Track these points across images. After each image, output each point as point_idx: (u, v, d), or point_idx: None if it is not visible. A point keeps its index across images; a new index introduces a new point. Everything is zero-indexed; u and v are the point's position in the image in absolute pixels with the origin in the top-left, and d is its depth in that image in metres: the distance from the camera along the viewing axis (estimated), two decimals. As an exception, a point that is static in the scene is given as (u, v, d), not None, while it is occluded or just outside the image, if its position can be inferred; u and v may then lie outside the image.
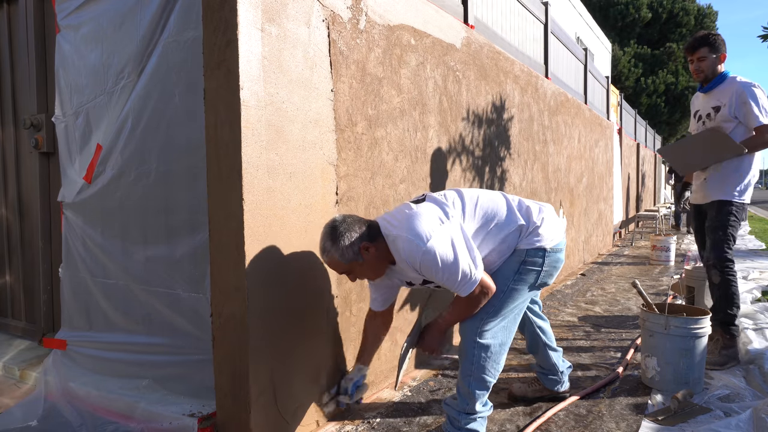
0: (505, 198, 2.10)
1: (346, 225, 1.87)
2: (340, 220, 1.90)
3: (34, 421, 2.35)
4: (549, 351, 2.44)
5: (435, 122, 3.06)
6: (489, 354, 1.99)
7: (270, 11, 1.94)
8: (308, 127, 2.14)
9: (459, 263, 1.82)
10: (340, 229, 1.86)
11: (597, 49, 15.58)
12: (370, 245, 1.88)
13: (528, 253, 2.02)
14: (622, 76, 21.19)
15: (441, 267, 1.81)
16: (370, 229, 1.92)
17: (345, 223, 1.88)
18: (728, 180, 2.96)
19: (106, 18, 2.43)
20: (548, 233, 2.05)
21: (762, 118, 2.83)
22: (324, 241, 1.89)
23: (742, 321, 3.63)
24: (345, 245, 1.85)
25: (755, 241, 8.69)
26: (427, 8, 2.97)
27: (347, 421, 2.31)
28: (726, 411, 2.35)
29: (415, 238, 1.81)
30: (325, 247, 1.89)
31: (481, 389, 2.02)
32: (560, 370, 2.47)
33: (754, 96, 2.86)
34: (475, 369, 1.99)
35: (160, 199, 2.30)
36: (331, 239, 1.87)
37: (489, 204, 2.05)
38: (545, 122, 5.15)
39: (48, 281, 3.00)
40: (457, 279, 1.84)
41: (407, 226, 1.85)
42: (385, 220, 1.96)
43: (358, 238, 1.87)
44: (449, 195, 2.05)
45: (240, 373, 1.93)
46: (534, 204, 2.12)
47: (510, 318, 2.05)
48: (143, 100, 2.30)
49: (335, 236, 1.86)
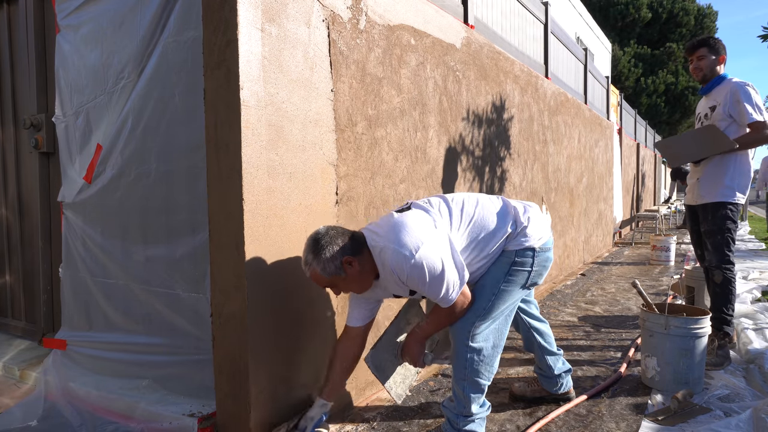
0: (491, 202, 2.07)
1: (328, 238, 1.81)
2: (323, 232, 1.83)
3: (34, 421, 2.35)
4: (544, 354, 2.43)
5: (435, 122, 3.07)
6: (482, 357, 1.98)
7: (270, 11, 1.94)
8: (308, 127, 2.14)
9: (445, 276, 1.79)
10: (321, 242, 1.80)
11: (597, 49, 15.58)
12: (353, 259, 1.81)
13: (517, 254, 2.01)
14: (622, 76, 21.19)
15: (428, 280, 1.78)
16: (354, 242, 1.85)
17: (327, 235, 1.82)
18: (720, 181, 2.97)
19: (106, 18, 2.43)
20: (535, 232, 2.03)
21: (755, 115, 2.87)
22: (306, 253, 1.83)
23: (741, 321, 3.63)
24: (326, 258, 1.78)
25: (755, 241, 8.69)
26: (427, 8, 2.97)
27: (347, 421, 2.31)
28: (726, 411, 2.35)
29: (402, 249, 1.76)
30: (306, 260, 1.82)
31: (476, 392, 2.01)
32: (556, 374, 2.44)
33: (747, 94, 2.90)
34: (469, 373, 1.98)
35: (160, 199, 2.30)
36: (312, 252, 1.80)
37: (475, 210, 2.01)
38: (545, 122, 5.15)
39: (48, 281, 3.00)
40: (441, 291, 1.82)
41: (394, 237, 1.79)
42: (371, 230, 1.91)
43: (340, 251, 1.80)
44: (434, 202, 2.01)
45: (240, 373, 1.93)
46: (519, 204, 2.10)
47: (501, 320, 2.04)
48: (143, 100, 2.30)
49: (317, 249, 1.79)
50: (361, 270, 1.85)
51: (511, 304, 2.06)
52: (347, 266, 1.82)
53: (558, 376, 2.45)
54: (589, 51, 8.74)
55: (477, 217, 2.00)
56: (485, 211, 2.02)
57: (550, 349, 2.44)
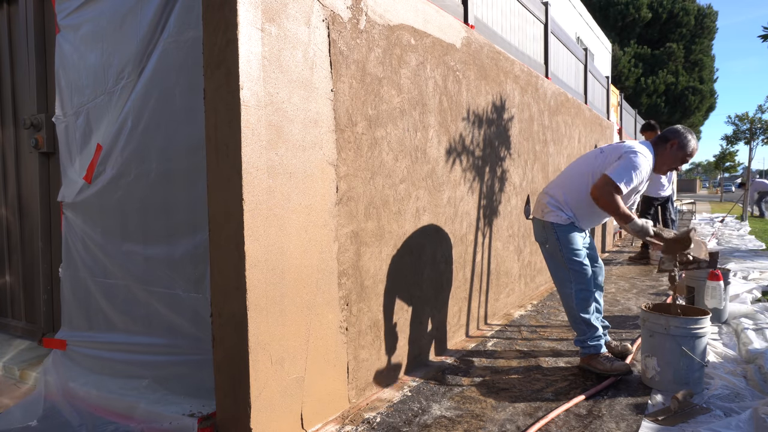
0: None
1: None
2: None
3: (34, 421, 2.35)
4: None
5: (435, 122, 3.07)
6: None
7: (270, 11, 1.94)
8: (308, 127, 2.14)
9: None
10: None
11: (597, 49, 15.58)
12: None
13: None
14: (622, 76, 21.20)
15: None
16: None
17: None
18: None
19: (106, 18, 2.43)
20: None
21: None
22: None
23: (741, 321, 3.63)
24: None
25: (755, 241, 8.69)
26: (427, 8, 2.97)
27: (347, 421, 2.31)
28: (726, 411, 2.35)
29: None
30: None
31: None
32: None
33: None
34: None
35: (160, 199, 2.30)
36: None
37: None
38: (545, 122, 5.16)
39: (48, 281, 3.00)
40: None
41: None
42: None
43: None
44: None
45: (240, 373, 1.93)
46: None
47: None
48: (143, 100, 2.30)
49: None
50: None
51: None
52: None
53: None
54: (589, 51, 8.74)
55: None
56: None
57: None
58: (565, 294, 2.91)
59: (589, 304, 2.87)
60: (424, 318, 3.01)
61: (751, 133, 14.24)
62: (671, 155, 2.83)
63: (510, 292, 4.40)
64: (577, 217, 2.89)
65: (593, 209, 2.85)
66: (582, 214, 2.89)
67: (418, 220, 2.92)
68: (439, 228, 3.14)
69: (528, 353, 3.23)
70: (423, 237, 2.96)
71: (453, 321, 3.37)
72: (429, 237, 3.02)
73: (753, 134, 14.21)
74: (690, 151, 2.82)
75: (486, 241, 3.84)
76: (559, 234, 2.86)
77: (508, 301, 4.37)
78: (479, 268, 3.72)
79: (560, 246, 2.86)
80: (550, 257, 2.97)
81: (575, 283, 2.86)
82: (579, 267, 2.85)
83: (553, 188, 3.00)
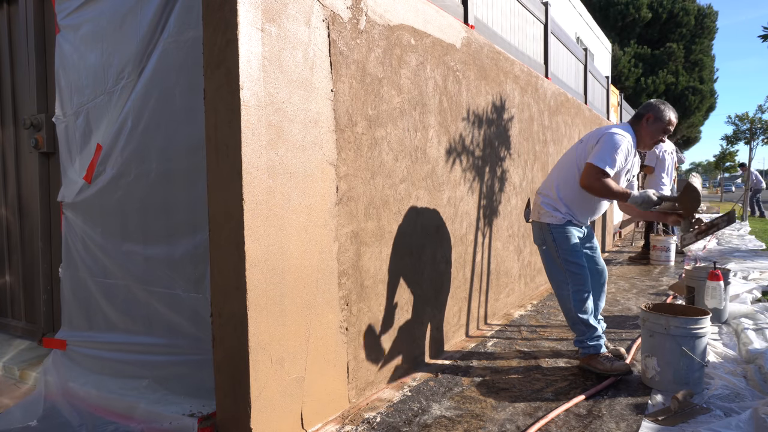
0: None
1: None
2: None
3: (34, 421, 2.35)
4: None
5: (435, 122, 3.07)
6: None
7: (270, 11, 1.94)
8: (308, 127, 2.14)
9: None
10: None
11: (597, 49, 15.58)
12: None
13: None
14: (622, 76, 21.20)
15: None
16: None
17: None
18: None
19: (106, 18, 2.43)
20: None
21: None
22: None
23: (741, 321, 3.63)
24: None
25: (755, 241, 8.69)
26: (427, 8, 2.97)
27: (347, 421, 2.31)
28: (726, 411, 2.35)
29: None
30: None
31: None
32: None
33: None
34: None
35: (160, 199, 2.30)
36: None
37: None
38: (545, 122, 5.16)
39: (48, 281, 3.00)
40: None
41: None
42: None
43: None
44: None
45: (240, 373, 1.93)
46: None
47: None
48: (143, 100, 2.30)
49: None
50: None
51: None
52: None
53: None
54: (589, 51, 8.74)
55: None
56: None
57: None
58: (563, 296, 2.92)
59: (586, 304, 2.87)
60: (424, 318, 3.01)
61: (751, 133, 14.24)
62: (650, 129, 2.86)
63: (510, 292, 4.40)
64: (574, 211, 2.90)
65: (588, 199, 2.88)
66: (578, 206, 2.90)
67: (418, 220, 2.92)
68: (439, 228, 3.14)
69: (528, 353, 3.23)
70: (423, 237, 2.96)
71: (453, 321, 3.37)
72: (429, 237, 3.02)
73: (753, 134, 14.21)
74: (667, 120, 2.84)
75: (486, 241, 3.84)
76: (555, 234, 2.88)
77: (508, 301, 4.37)
78: (479, 268, 3.72)
79: (557, 246, 2.87)
80: (547, 259, 2.97)
81: (572, 284, 2.86)
82: (576, 268, 2.85)
83: (546, 187, 3.02)
